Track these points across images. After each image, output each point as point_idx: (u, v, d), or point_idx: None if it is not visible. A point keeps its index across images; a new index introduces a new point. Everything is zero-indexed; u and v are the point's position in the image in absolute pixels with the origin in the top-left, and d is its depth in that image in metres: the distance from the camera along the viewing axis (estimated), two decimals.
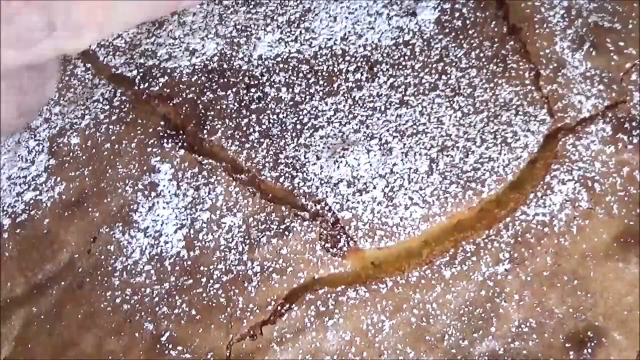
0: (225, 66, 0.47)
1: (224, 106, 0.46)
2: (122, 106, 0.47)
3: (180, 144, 0.46)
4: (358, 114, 0.44)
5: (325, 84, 0.45)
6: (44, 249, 0.45)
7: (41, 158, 0.47)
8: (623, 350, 0.37)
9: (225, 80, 0.47)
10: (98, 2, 0.22)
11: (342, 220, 0.41)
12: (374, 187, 0.41)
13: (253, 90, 0.46)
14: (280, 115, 0.45)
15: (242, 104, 0.46)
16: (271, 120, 0.45)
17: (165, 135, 0.46)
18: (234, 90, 0.46)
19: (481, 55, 0.45)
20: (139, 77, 0.48)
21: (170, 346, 0.40)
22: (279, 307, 0.40)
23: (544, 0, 0.46)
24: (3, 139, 0.24)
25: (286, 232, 0.41)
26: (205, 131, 0.46)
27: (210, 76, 0.47)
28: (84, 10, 0.22)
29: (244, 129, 0.45)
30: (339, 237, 0.41)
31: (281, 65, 0.47)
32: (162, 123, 0.47)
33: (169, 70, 0.48)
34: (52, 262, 0.44)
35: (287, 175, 0.43)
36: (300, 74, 0.46)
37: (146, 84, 0.48)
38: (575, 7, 0.46)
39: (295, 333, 0.39)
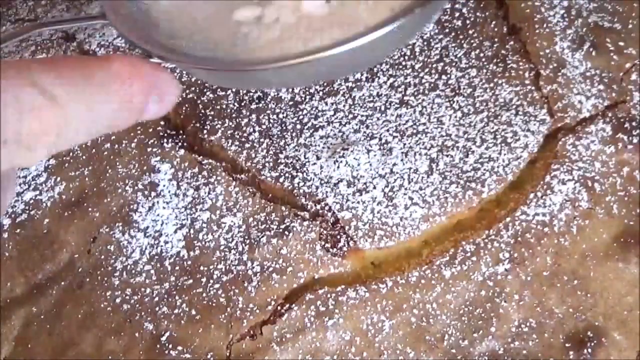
0: None
1: (224, 106, 0.46)
2: None
3: (180, 144, 0.46)
4: (358, 114, 0.44)
5: (325, 83, 0.45)
6: (44, 249, 0.45)
7: None
8: (623, 350, 0.37)
9: None
10: (51, 115, 0.21)
11: (342, 220, 0.41)
12: (374, 187, 0.41)
13: (253, 90, 0.46)
14: (280, 115, 0.45)
15: (242, 104, 0.46)
16: (271, 120, 0.45)
17: (165, 135, 0.46)
18: (234, 90, 0.46)
19: (481, 55, 0.45)
20: None
21: (170, 346, 0.40)
22: (279, 307, 0.40)
23: (544, 0, 0.46)
24: None
25: (286, 232, 0.41)
26: (205, 131, 0.46)
27: None
28: (36, 124, 0.21)
29: (244, 128, 0.45)
30: (339, 237, 0.41)
31: None
32: (162, 123, 0.47)
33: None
34: (52, 262, 0.44)
35: (287, 175, 0.43)
36: None
37: None
38: (575, 7, 0.46)
39: (295, 333, 0.39)
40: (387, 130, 0.43)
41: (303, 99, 0.45)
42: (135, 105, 0.24)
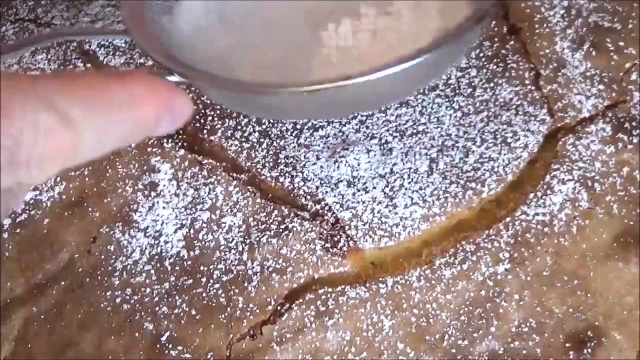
0: None
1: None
2: None
3: (180, 144, 0.46)
4: (358, 114, 0.44)
5: None
6: (44, 249, 0.45)
7: None
8: (623, 350, 0.37)
9: None
10: (66, 139, 0.21)
11: (342, 220, 0.41)
12: (374, 187, 0.41)
13: (271, 120, 0.46)
14: None
15: None
16: (271, 120, 0.45)
17: (165, 135, 0.46)
18: None
19: (481, 55, 0.45)
20: None
21: (170, 346, 0.40)
22: (279, 307, 0.40)
23: (544, 0, 0.46)
24: None
25: (286, 232, 0.41)
26: (205, 131, 0.45)
27: None
28: (50, 148, 0.21)
29: (244, 128, 0.45)
30: (339, 237, 0.41)
31: None
32: None
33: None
34: (52, 262, 0.44)
35: (287, 175, 0.43)
36: None
37: None
38: (575, 7, 0.46)
39: (295, 333, 0.39)
40: (387, 130, 0.43)
41: None
42: (149, 125, 0.25)
